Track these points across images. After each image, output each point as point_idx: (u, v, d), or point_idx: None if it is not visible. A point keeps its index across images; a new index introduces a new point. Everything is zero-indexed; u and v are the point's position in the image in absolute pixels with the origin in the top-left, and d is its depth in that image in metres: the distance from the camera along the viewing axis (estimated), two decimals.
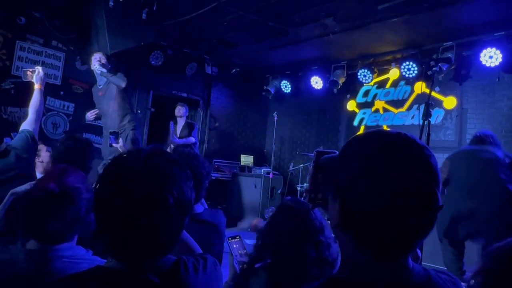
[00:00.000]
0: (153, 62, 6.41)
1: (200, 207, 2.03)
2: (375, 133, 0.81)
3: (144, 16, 4.89)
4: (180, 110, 6.21)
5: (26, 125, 2.45)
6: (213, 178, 6.50)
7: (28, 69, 2.73)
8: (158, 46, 6.30)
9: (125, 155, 0.98)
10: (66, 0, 5.27)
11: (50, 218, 1.26)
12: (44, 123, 5.72)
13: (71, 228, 1.31)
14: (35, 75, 2.66)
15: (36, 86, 2.65)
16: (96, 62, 4.45)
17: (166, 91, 7.23)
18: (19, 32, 5.49)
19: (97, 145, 6.40)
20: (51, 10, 5.64)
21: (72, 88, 6.02)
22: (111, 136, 3.92)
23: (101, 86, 4.59)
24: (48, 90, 5.78)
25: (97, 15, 4.91)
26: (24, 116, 5.58)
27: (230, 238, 1.86)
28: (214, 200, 6.53)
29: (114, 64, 5.39)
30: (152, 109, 6.93)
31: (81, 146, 2.50)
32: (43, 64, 5.70)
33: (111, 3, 4.69)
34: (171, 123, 6.06)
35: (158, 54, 6.41)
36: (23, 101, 5.59)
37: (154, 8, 4.92)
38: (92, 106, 4.73)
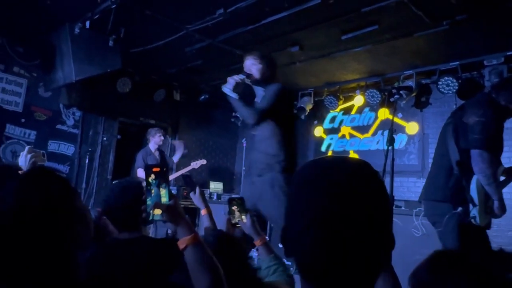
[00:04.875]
0: (119, 89, 6.32)
1: None
2: (313, 161, 0.77)
3: (111, 43, 4.84)
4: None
5: None
6: (182, 206, 6.35)
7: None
8: (125, 73, 6.23)
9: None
10: (30, 26, 5.14)
11: None
12: (3, 151, 5.48)
13: None
14: (19, 158, 1.85)
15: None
16: None
17: (134, 118, 7.12)
18: None
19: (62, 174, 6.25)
20: (14, 36, 5.51)
21: (34, 115, 5.83)
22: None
23: None
24: (8, 117, 5.56)
25: (62, 42, 4.82)
26: None
27: None
28: None
29: None
30: (119, 136, 6.78)
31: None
32: (3, 91, 5.51)
33: (76, 30, 4.62)
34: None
35: (125, 81, 6.33)
36: None
37: (121, 36, 4.89)
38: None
